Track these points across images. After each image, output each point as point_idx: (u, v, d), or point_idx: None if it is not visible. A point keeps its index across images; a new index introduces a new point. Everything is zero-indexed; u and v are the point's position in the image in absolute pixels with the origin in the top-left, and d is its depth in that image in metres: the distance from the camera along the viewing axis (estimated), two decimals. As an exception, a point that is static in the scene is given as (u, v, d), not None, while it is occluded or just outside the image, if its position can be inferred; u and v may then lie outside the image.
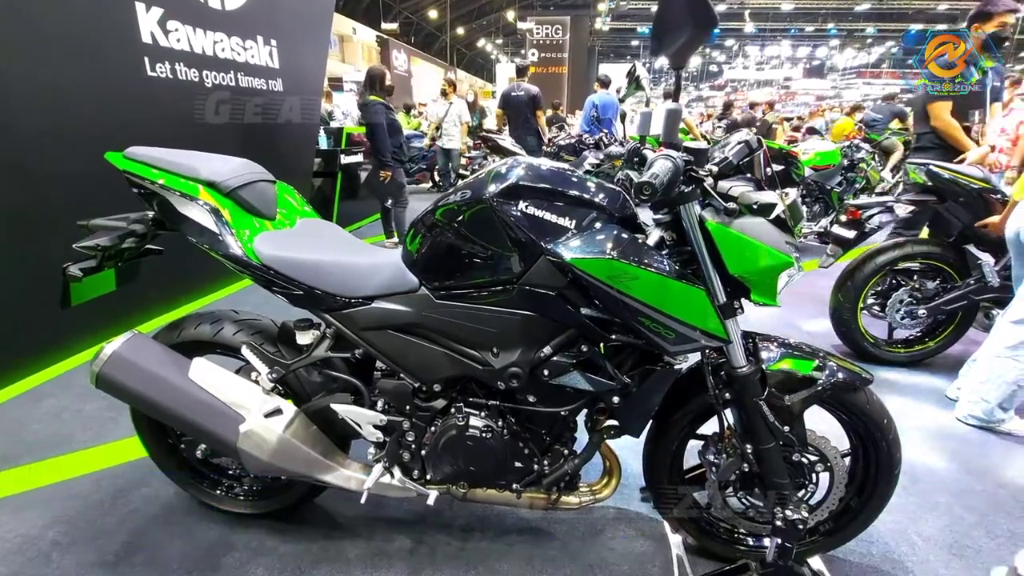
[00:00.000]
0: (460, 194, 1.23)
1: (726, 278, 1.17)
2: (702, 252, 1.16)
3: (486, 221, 1.18)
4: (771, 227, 1.14)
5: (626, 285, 1.09)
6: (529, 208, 1.15)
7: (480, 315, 1.25)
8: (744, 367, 1.26)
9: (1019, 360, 2.18)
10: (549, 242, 1.13)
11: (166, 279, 3.51)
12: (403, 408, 1.40)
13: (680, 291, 1.11)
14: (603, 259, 1.08)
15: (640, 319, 1.12)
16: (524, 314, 1.22)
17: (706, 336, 1.15)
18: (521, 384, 1.26)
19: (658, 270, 1.10)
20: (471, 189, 1.21)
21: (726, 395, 1.33)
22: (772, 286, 1.16)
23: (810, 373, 1.31)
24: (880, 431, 1.38)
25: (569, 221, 1.15)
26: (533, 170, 1.20)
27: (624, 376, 1.25)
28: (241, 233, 1.34)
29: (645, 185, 0.99)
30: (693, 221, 1.15)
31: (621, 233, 1.14)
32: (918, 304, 2.83)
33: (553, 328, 1.23)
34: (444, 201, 1.26)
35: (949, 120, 3.19)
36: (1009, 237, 2.25)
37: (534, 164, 1.22)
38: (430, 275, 1.30)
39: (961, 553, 1.70)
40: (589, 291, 1.13)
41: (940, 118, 3.22)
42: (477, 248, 1.21)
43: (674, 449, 1.47)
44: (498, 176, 1.19)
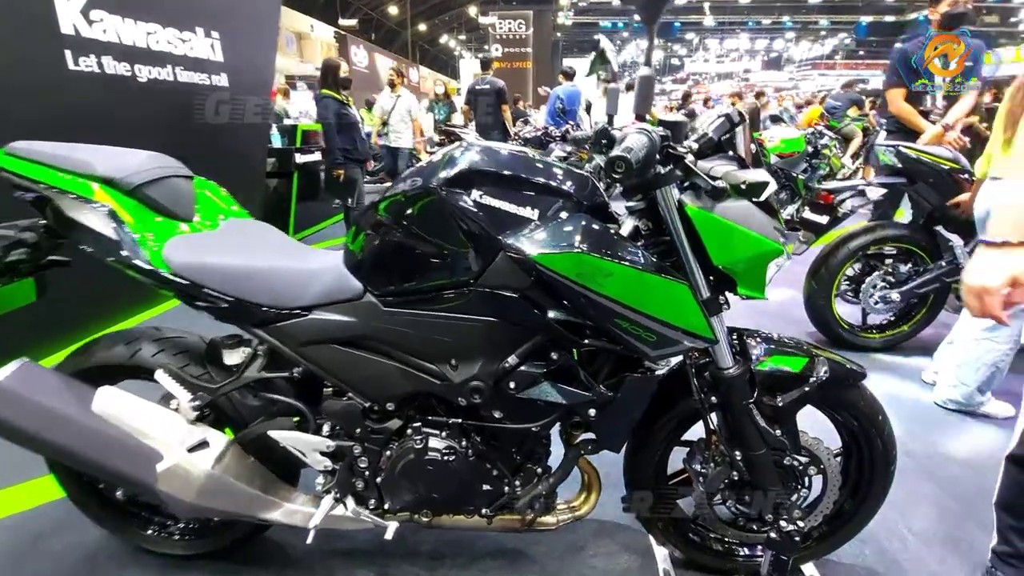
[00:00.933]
0: (406, 184, 1.07)
1: (709, 270, 1.05)
2: (682, 242, 1.03)
3: (436, 213, 1.02)
4: (758, 211, 1.02)
5: (598, 283, 0.95)
6: (484, 197, 1.00)
7: (435, 323, 1.10)
8: (731, 368, 1.14)
9: (997, 341, 2.14)
10: (508, 236, 0.98)
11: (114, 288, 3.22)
12: (353, 431, 1.23)
13: (660, 287, 0.98)
14: (571, 254, 0.94)
15: (616, 321, 0.99)
16: (485, 320, 1.07)
17: (690, 337, 1.01)
18: (484, 399, 1.11)
19: (633, 264, 0.96)
20: (419, 177, 1.05)
21: (712, 398, 1.20)
22: (760, 277, 1.03)
23: (801, 371, 1.20)
24: (875, 428, 1.28)
25: (531, 211, 1.00)
26: (489, 154, 1.05)
27: (600, 386, 1.11)
28: (145, 238, 1.15)
29: (618, 160, 0.85)
30: (671, 207, 1.02)
31: (591, 224, 1.00)
32: (891, 288, 2.79)
33: (518, 335, 1.08)
34: (389, 193, 1.09)
35: (902, 105, 3.20)
36: (979, 216, 2.21)
37: (491, 147, 1.07)
38: (376, 279, 1.13)
39: (955, 547, 1.64)
40: (557, 291, 0.99)
41: (894, 103, 3.23)
42: (428, 246, 1.05)
43: (657, 458, 1.34)
44: (449, 161, 1.04)
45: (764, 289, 1.06)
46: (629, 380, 1.11)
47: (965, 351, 2.24)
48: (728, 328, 1.16)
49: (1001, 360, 2.16)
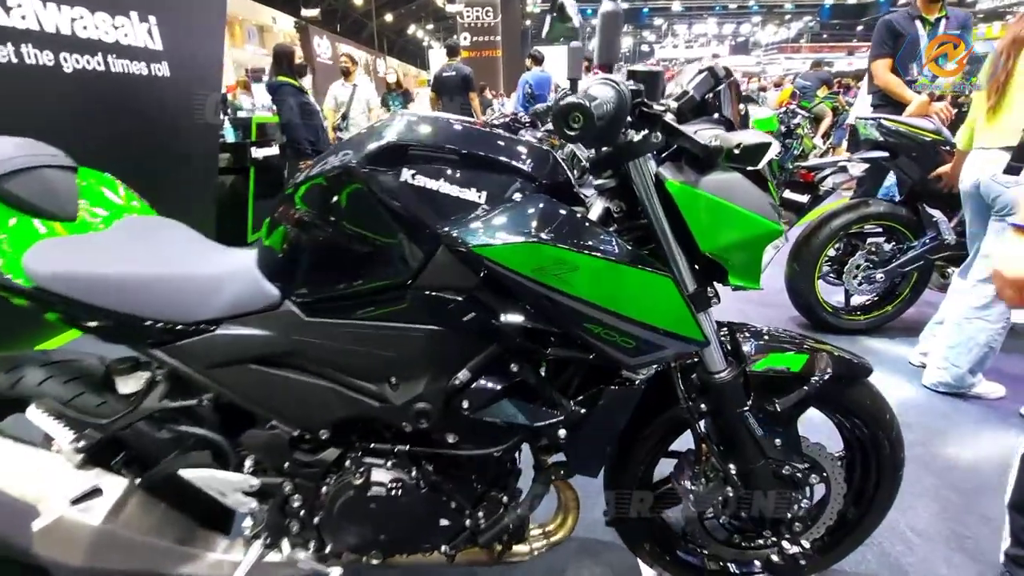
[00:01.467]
0: (324, 164, 0.87)
1: (695, 258, 0.87)
2: (662, 225, 0.85)
3: (359, 199, 0.82)
4: (751, 185, 0.84)
5: (562, 279, 0.77)
6: (418, 177, 0.81)
7: (367, 334, 0.90)
8: (723, 372, 0.98)
9: (989, 320, 2.04)
10: (449, 224, 0.79)
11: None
12: (280, 466, 1.03)
13: (637, 282, 0.80)
14: (526, 244, 0.76)
15: (586, 326, 0.81)
16: (427, 329, 0.88)
17: (677, 341, 0.84)
18: (433, 424, 0.92)
19: (605, 254, 0.78)
20: (339, 155, 0.85)
21: (701, 406, 1.04)
22: (756, 264, 0.87)
23: (801, 370, 1.04)
24: (883, 430, 1.13)
25: (477, 193, 0.81)
26: (423, 124, 0.85)
27: (570, 402, 0.93)
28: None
29: (574, 109, 0.67)
30: (647, 182, 0.84)
31: (552, 206, 0.82)
32: (875, 268, 2.69)
33: (469, 345, 0.90)
34: (305, 176, 0.89)
35: (888, 77, 3.08)
36: (966, 190, 2.10)
37: (427, 117, 0.88)
38: (296, 284, 0.93)
39: (961, 545, 1.52)
40: (511, 291, 0.80)
41: (879, 76, 3.11)
42: (353, 240, 0.86)
43: (640, 474, 1.18)
44: (373, 135, 0.84)
45: (760, 277, 0.89)
46: (605, 394, 0.93)
47: (956, 332, 2.13)
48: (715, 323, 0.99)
49: (994, 340, 2.06)
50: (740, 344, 1.01)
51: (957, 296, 2.18)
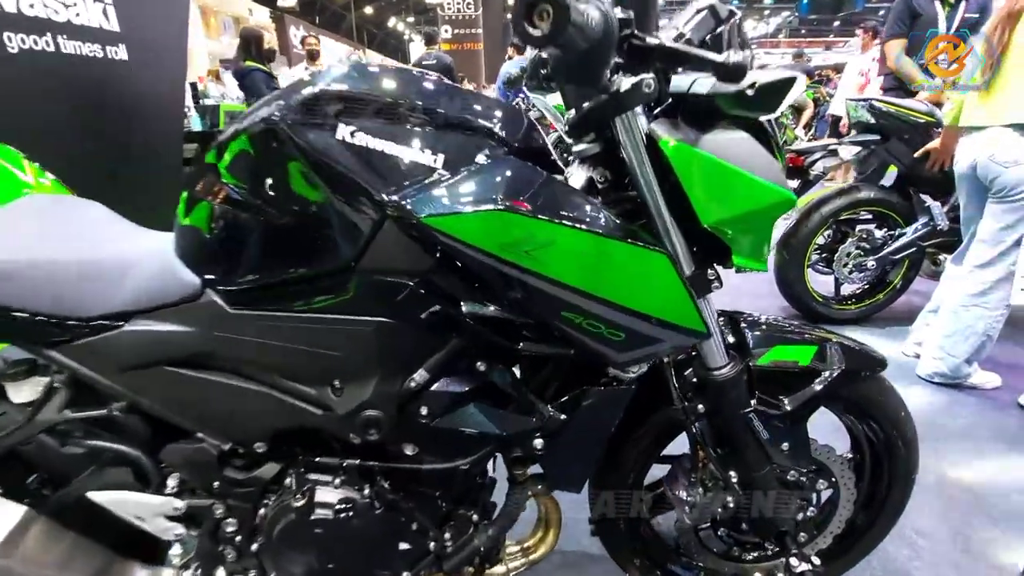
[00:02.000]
0: (245, 120, 0.71)
1: (693, 234, 0.74)
2: (654, 195, 0.72)
3: (286, 162, 0.68)
4: (759, 146, 0.71)
5: (535, 258, 0.63)
6: (359, 135, 0.66)
7: (304, 329, 0.75)
8: (724, 367, 0.85)
9: (988, 307, 1.96)
10: (396, 191, 0.65)
11: None
12: (209, 485, 0.88)
13: (627, 261, 0.67)
14: (491, 213, 0.62)
15: (565, 316, 0.67)
16: (375, 321, 0.73)
17: (675, 332, 0.71)
18: (384, 435, 0.77)
19: (589, 226, 0.65)
20: (262, 108, 0.70)
21: (698, 407, 0.91)
22: (764, 240, 0.74)
23: (811, 363, 0.91)
24: (897, 429, 1.02)
25: (432, 156, 0.67)
26: (367, 72, 0.70)
27: (548, 406, 0.79)
28: None
29: (544, 5, 0.52)
30: (637, 142, 0.70)
31: (522, 170, 0.68)
32: (866, 255, 2.60)
33: (425, 340, 0.75)
34: (224, 136, 0.74)
35: (902, 59, 2.94)
36: (961, 171, 2.01)
37: (371, 65, 0.73)
38: (219, 269, 0.78)
39: (967, 547, 1.43)
40: (473, 273, 0.66)
41: (891, 57, 2.98)
42: (281, 214, 0.71)
43: (630, 481, 1.05)
44: (304, 83, 0.69)
45: (766, 256, 0.76)
46: (588, 396, 0.80)
47: (953, 320, 2.04)
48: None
49: (992, 328, 1.98)
50: (744, 335, 0.88)
51: (953, 283, 2.10)
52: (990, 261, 1.91)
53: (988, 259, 1.92)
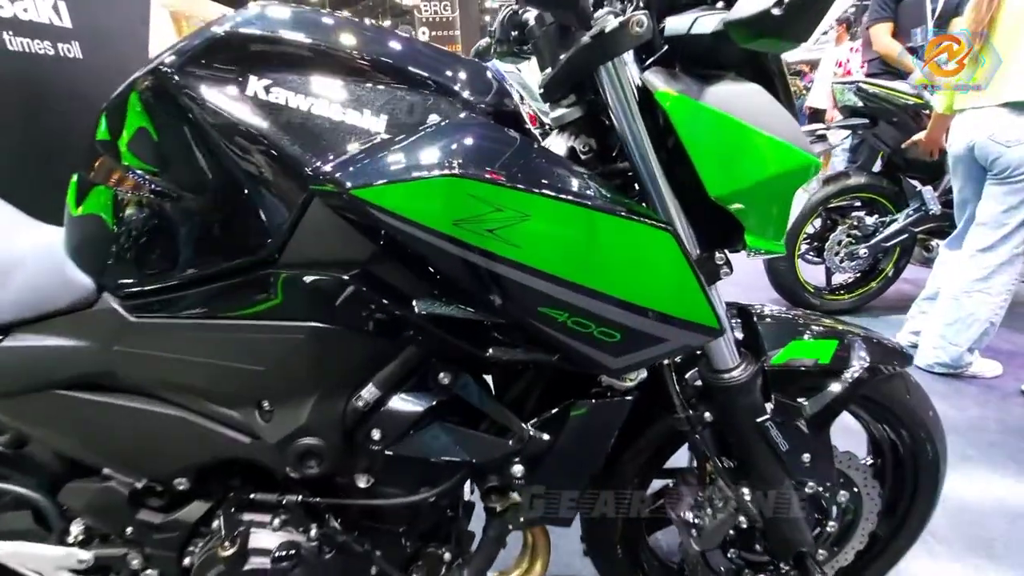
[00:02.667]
0: (134, 76, 0.57)
1: (696, 210, 0.61)
2: (648, 161, 0.59)
3: (181, 123, 0.53)
4: (773, 101, 0.58)
5: (502, 238, 0.50)
6: (276, 91, 0.52)
7: (221, 340, 0.61)
8: (735, 368, 0.72)
9: (990, 294, 1.87)
10: (323, 160, 0.50)
11: None
12: (121, 530, 0.72)
13: (624, 240, 0.53)
14: (440, 179, 0.48)
15: (544, 312, 0.53)
16: (307, 327, 0.59)
17: (683, 330, 0.58)
18: (327, 467, 0.63)
19: (578, 196, 0.51)
20: (154, 59, 0.55)
21: (705, 415, 0.78)
22: (783, 214, 0.61)
23: (832, 360, 0.79)
24: (925, 431, 0.91)
25: (370, 116, 0.53)
26: (287, 13, 0.56)
27: (528, 424, 0.65)
28: None
29: None
30: (628, 95, 0.57)
31: (488, 130, 0.54)
32: (858, 243, 2.52)
33: (373, 349, 0.61)
34: (111, 100, 0.59)
35: (889, 43, 2.84)
36: (957, 153, 1.92)
37: (294, 5, 0.58)
38: (117, 270, 0.63)
39: (989, 552, 1.32)
40: (427, 262, 0.52)
41: (879, 42, 2.88)
42: (185, 197, 0.56)
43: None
44: (204, 28, 0.54)
45: (784, 235, 0.64)
46: (577, 410, 0.66)
47: (955, 307, 1.96)
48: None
49: (995, 314, 1.90)
50: (756, 330, 0.75)
51: (952, 268, 2.01)
52: (992, 245, 1.83)
53: (990, 243, 1.84)
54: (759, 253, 0.63)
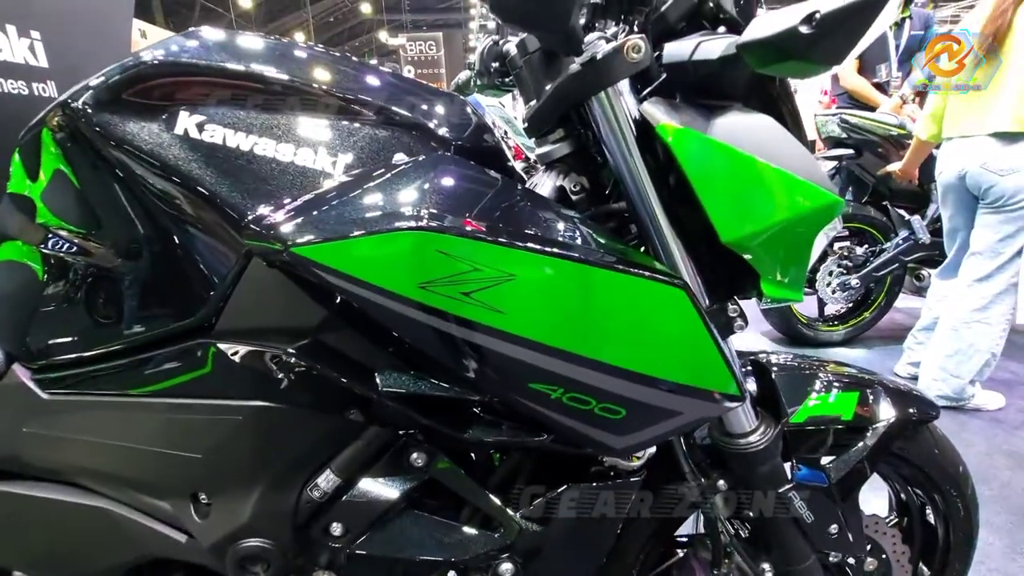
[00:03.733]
0: (47, 110, 0.49)
1: (703, 256, 0.54)
2: (649, 201, 0.51)
3: (97, 167, 0.44)
4: (787, 134, 0.52)
5: (480, 302, 0.41)
6: (210, 128, 0.44)
7: (149, 420, 0.51)
8: (753, 433, 0.63)
9: (990, 323, 1.82)
10: (265, 210, 0.42)
11: None
12: None
13: (629, 299, 0.45)
14: (399, 235, 0.39)
15: (536, 389, 0.45)
16: (247, 407, 0.49)
17: (699, 400, 0.49)
18: (276, 572, 0.52)
19: (571, 249, 0.43)
20: (65, 93, 0.47)
21: (719, 483, 0.69)
22: (802, 260, 0.54)
23: (855, 416, 0.71)
24: (956, 487, 0.82)
25: (326, 156, 0.45)
26: (224, 39, 0.49)
27: (518, 513, 0.55)
28: None
29: None
30: (624, 128, 0.50)
31: (462, 171, 0.46)
32: (849, 273, 2.48)
33: (328, 430, 0.51)
34: (23, 138, 0.51)
35: (857, 79, 2.91)
36: (947, 181, 1.91)
37: (234, 32, 0.51)
38: (27, 337, 0.53)
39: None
40: (388, 330, 0.43)
41: (846, 79, 2.93)
42: (106, 254, 0.47)
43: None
44: (126, 60, 0.47)
45: (803, 282, 0.56)
46: (575, 496, 0.56)
47: (954, 338, 1.90)
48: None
49: (996, 345, 1.85)
50: (774, 387, 0.66)
51: (950, 299, 1.97)
52: (989, 275, 1.79)
53: (987, 272, 1.80)
54: (775, 302, 0.56)
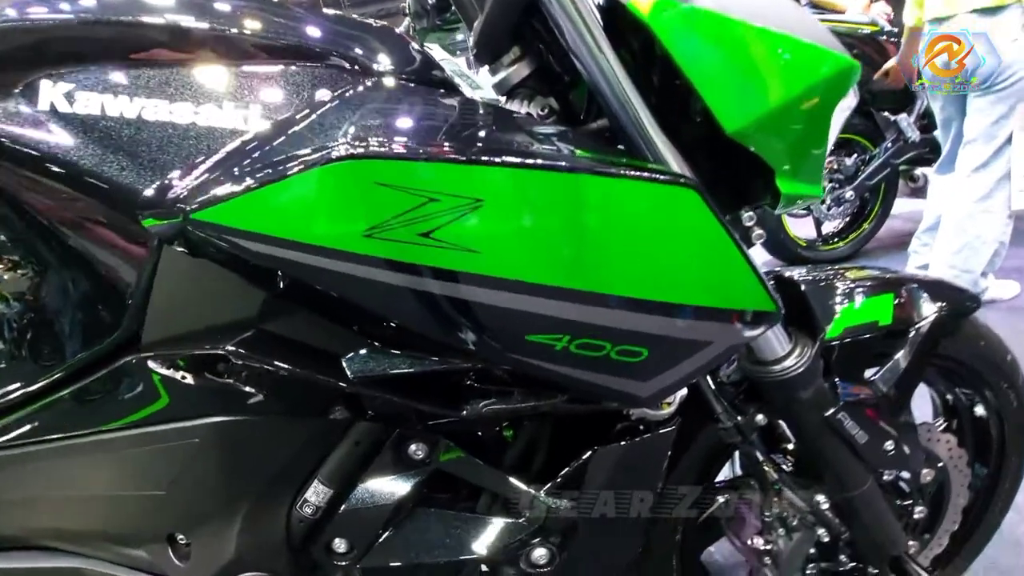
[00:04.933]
0: None
1: (705, 159, 0.46)
2: (628, 104, 0.43)
3: None
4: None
5: (445, 245, 0.33)
6: (81, 97, 0.35)
7: (95, 463, 0.43)
8: (789, 357, 0.56)
9: (993, 212, 1.76)
10: (166, 184, 0.34)
11: None
12: None
13: (631, 210, 0.37)
14: (330, 168, 0.31)
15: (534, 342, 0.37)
16: (201, 425, 0.41)
17: (732, 323, 0.42)
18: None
19: (554, 160, 0.35)
20: None
21: (756, 418, 0.62)
22: (821, 143, 0.46)
23: (895, 319, 0.64)
24: (1006, 378, 0.76)
25: (234, 110, 0.37)
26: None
27: (543, 491, 0.48)
28: None
29: None
30: (588, 20, 0.41)
31: (405, 96, 0.38)
32: (842, 187, 2.41)
33: (303, 435, 0.44)
34: None
35: None
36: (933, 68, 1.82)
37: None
38: None
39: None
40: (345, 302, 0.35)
41: None
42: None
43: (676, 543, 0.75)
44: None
45: (822, 173, 0.49)
46: (604, 460, 0.49)
47: (959, 233, 1.84)
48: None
49: (1003, 233, 1.79)
50: (808, 302, 0.59)
51: (950, 193, 1.90)
52: (986, 162, 1.73)
53: (984, 160, 1.73)
54: (793, 203, 0.48)
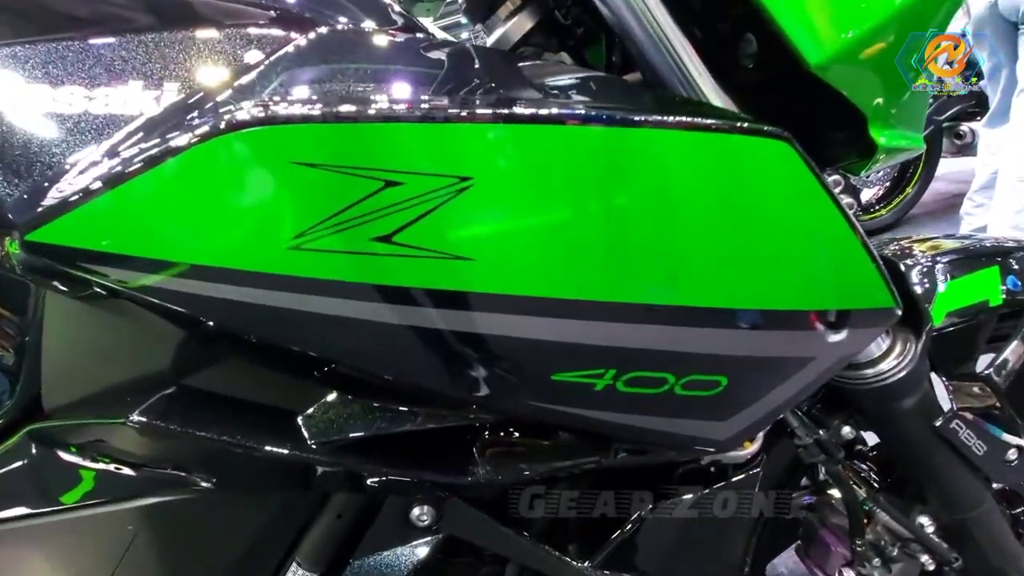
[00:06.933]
0: None
1: (759, 106, 0.35)
2: (671, 46, 0.32)
3: None
4: None
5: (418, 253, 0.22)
6: None
7: (27, 559, 0.34)
8: (888, 357, 0.44)
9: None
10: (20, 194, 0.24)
11: None
12: None
13: (705, 178, 0.26)
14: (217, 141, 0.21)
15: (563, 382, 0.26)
16: (133, 508, 0.32)
17: (847, 330, 0.30)
18: None
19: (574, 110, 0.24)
20: None
21: (843, 430, 0.51)
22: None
23: (1004, 299, 0.52)
24: None
25: (142, 88, 0.26)
26: None
27: (588, 563, 0.38)
28: None
29: None
30: None
31: (366, 46, 0.27)
32: (880, 150, 2.24)
33: (266, 511, 0.34)
34: None
35: None
36: (980, 15, 1.66)
37: None
38: None
39: None
40: (280, 346, 0.25)
41: None
42: None
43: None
44: None
45: (925, 118, 0.38)
46: (659, 527, 0.38)
47: (1020, 191, 1.67)
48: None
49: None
50: (910, 288, 0.47)
51: (1005, 147, 1.73)
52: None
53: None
54: (893, 157, 0.37)
